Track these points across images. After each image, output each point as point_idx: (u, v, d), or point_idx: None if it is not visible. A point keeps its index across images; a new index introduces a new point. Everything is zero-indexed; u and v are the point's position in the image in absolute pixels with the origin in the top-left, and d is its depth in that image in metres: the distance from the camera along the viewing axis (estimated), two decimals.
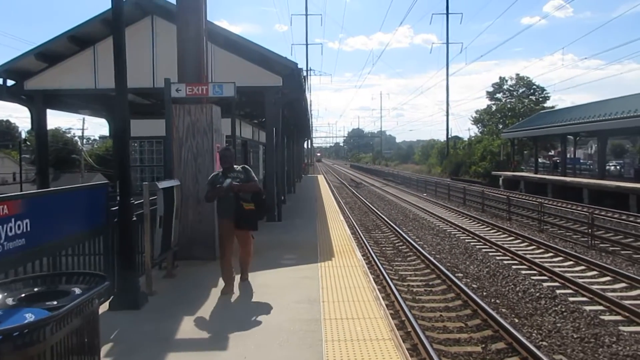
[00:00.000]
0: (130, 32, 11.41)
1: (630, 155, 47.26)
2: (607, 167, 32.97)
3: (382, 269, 10.03)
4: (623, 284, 9.26)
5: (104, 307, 5.28)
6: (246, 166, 6.21)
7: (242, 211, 5.81)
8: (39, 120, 12.63)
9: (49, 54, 12.03)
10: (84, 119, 48.96)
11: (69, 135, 59.70)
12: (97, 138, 71.14)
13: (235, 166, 6.05)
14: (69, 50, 12.12)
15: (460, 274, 10.20)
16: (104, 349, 4.16)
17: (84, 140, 53.53)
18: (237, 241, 6.19)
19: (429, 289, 9.20)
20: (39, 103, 12.51)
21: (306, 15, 60.16)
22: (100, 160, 49.68)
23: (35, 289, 3.12)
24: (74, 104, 15.21)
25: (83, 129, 49.48)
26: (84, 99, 14.78)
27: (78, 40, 11.96)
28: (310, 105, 54.80)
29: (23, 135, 49.19)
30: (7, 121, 71.79)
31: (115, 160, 6.01)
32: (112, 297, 5.34)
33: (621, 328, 6.92)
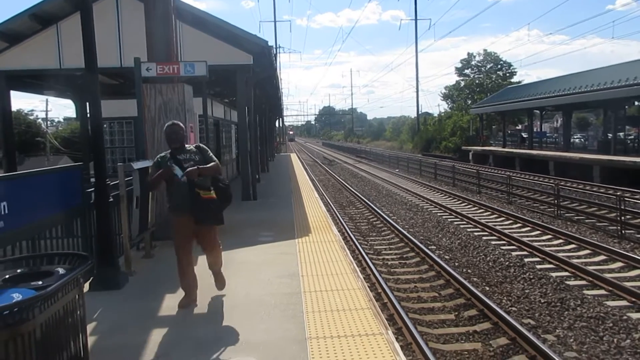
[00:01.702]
0: (95, 9, 11.16)
1: (594, 127, 48.68)
2: (572, 140, 33.90)
3: (358, 244, 10.23)
4: (587, 251, 9.68)
5: (84, 288, 5.29)
6: (201, 145, 4.96)
7: (200, 201, 4.56)
8: (2, 102, 12.23)
9: (10, 33, 11.59)
10: (47, 100, 47.53)
11: (31, 117, 57.78)
12: (62, 120, 69.16)
13: (187, 145, 4.84)
14: (30, 29, 11.70)
15: (433, 247, 10.48)
16: (89, 328, 4.19)
17: (48, 123, 52.02)
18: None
19: (404, 261, 9.44)
20: (1, 84, 12.09)
21: None
22: (66, 143, 48.34)
23: (18, 270, 3.13)
24: (38, 84, 14.74)
25: (47, 111, 48.11)
26: (49, 80, 14.35)
27: (40, 18, 11.55)
28: (281, 83, 54.40)
29: None
30: None
31: (89, 142, 5.94)
32: (92, 278, 5.34)
33: (585, 292, 7.28)
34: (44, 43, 11.81)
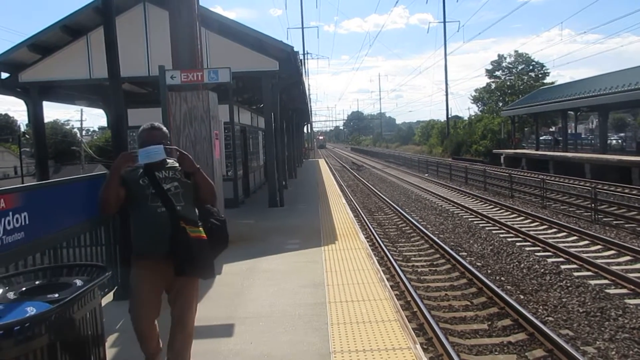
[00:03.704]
0: (122, 20, 11.32)
1: (632, 128, 47.08)
2: (609, 141, 32.81)
3: (386, 250, 10.03)
4: (628, 257, 9.25)
5: (108, 298, 5.27)
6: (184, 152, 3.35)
7: (186, 241, 3.11)
8: (35, 113, 12.54)
9: (42, 45, 11.89)
10: (82, 110, 48.91)
11: (67, 127, 59.53)
12: (97, 129, 71.17)
13: (169, 159, 3.31)
14: (62, 40, 11.98)
15: (464, 253, 10.19)
16: (110, 340, 4.16)
17: (83, 132, 53.50)
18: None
19: (434, 268, 9.20)
20: (34, 95, 12.41)
21: None
22: (100, 151, 49.63)
23: (37, 282, 3.08)
24: (70, 95, 15.10)
25: (82, 120, 49.47)
26: (80, 90, 14.66)
27: (71, 30, 11.81)
28: (309, 89, 54.54)
29: (22, 129, 49.19)
30: (6, 115, 71.33)
31: (113, 150, 5.94)
32: (116, 287, 5.32)
33: (627, 301, 6.91)
34: (74, 54, 12.06)
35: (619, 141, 37.05)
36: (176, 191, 3.20)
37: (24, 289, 2.91)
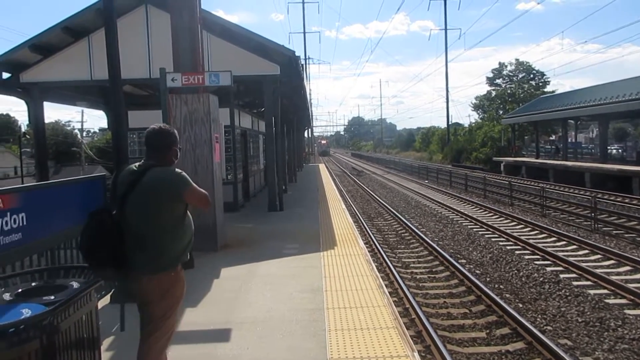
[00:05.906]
0: (124, 22, 11.34)
1: (633, 138, 47.14)
2: (609, 151, 32.82)
3: (385, 257, 9.99)
4: (627, 267, 9.21)
5: (105, 300, 5.24)
6: None
7: None
8: (36, 113, 12.54)
9: (44, 46, 11.90)
10: (82, 112, 48.90)
11: (68, 128, 59.55)
12: (97, 130, 71.11)
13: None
14: (63, 41, 11.99)
15: (463, 260, 10.16)
16: (106, 343, 4.13)
17: (84, 133, 53.51)
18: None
19: (433, 275, 9.16)
20: (35, 95, 12.41)
21: (303, 3, 59.67)
22: (100, 153, 49.59)
23: (33, 284, 3.06)
24: (70, 95, 15.10)
25: (82, 122, 49.43)
26: (81, 91, 14.68)
27: (72, 31, 11.82)
28: (310, 93, 54.61)
29: (23, 129, 49.13)
30: (7, 115, 71.13)
31: (113, 152, 5.91)
32: (112, 290, 5.29)
33: (626, 311, 6.87)
34: (75, 55, 12.08)
35: (619, 151, 37.09)
36: None
37: (20, 290, 2.89)
